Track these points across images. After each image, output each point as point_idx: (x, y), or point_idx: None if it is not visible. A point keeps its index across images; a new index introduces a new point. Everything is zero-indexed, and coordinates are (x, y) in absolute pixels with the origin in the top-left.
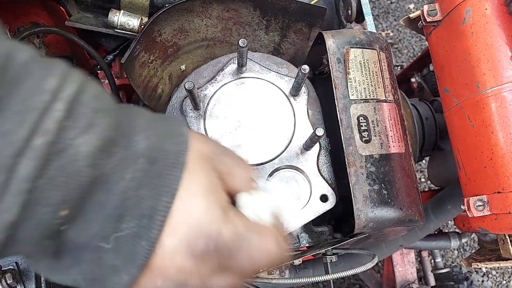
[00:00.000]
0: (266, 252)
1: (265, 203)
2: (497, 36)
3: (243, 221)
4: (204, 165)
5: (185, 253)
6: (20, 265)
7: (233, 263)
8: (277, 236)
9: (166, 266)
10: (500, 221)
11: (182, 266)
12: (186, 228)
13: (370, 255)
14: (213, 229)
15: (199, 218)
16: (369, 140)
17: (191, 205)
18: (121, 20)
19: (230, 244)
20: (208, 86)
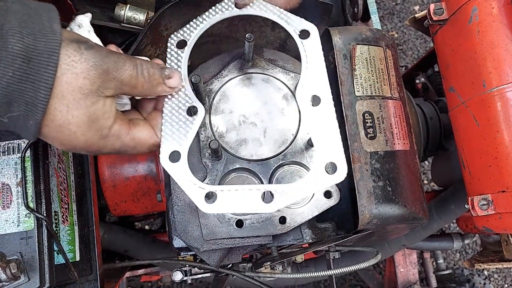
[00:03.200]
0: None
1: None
2: (503, 35)
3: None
4: (68, 51)
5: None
6: (24, 255)
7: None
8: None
9: (48, 138)
10: (504, 220)
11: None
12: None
13: (374, 252)
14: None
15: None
16: (374, 137)
17: (61, 87)
18: (127, 15)
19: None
20: (214, 81)
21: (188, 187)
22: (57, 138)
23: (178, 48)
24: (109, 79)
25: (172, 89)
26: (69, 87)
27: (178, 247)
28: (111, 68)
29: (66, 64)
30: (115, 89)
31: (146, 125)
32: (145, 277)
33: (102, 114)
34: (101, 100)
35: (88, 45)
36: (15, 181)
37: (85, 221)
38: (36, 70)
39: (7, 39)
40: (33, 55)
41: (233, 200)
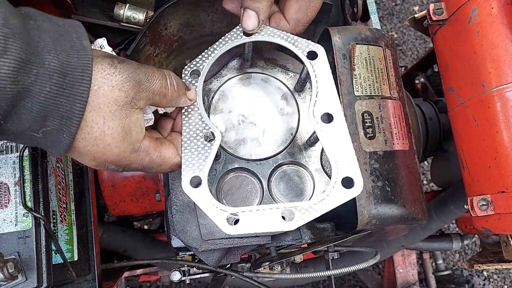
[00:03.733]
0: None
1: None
2: (503, 35)
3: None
4: (103, 65)
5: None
6: (22, 255)
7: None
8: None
9: (81, 153)
10: (504, 221)
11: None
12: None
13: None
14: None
15: (106, 128)
16: (373, 137)
17: (98, 100)
18: (126, 14)
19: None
20: (213, 80)
21: (211, 211)
22: (91, 151)
23: (193, 78)
24: (141, 89)
25: (191, 101)
26: (105, 99)
27: (177, 247)
28: (143, 79)
29: (102, 77)
30: (147, 99)
31: (171, 144)
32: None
33: (134, 127)
34: (134, 112)
35: (120, 59)
36: (13, 180)
37: (84, 221)
38: (71, 85)
39: (43, 56)
40: (68, 70)
41: (255, 221)
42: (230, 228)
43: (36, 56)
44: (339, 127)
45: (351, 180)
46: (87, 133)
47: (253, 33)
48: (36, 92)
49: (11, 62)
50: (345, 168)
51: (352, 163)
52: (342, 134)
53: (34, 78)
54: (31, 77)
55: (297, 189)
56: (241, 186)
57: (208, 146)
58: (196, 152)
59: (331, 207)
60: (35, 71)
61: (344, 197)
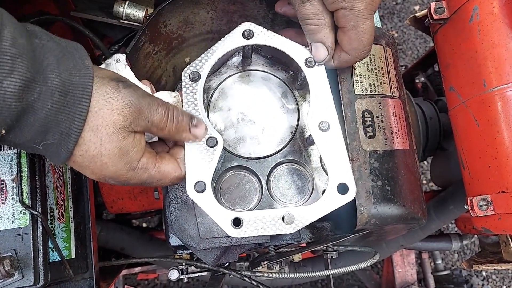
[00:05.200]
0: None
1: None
2: (504, 34)
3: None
4: (107, 88)
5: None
6: (18, 252)
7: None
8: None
9: (81, 167)
10: (504, 221)
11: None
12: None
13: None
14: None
15: (104, 143)
16: (373, 136)
17: (97, 121)
18: (126, 11)
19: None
20: (213, 78)
21: (215, 214)
22: (89, 167)
23: (192, 81)
24: (141, 118)
25: (196, 138)
26: (103, 121)
27: (175, 245)
28: (145, 109)
29: (104, 100)
30: (144, 128)
31: (172, 158)
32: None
33: (132, 148)
34: (132, 135)
35: (127, 84)
36: (11, 177)
37: (81, 218)
38: (72, 103)
39: (46, 74)
40: (69, 89)
41: (257, 223)
42: (235, 231)
43: (40, 74)
44: (335, 135)
45: (346, 186)
46: (85, 151)
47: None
48: (38, 108)
49: (17, 81)
50: (340, 175)
51: (346, 170)
52: (338, 142)
53: (37, 95)
54: (34, 94)
55: (296, 188)
56: (240, 185)
57: (211, 152)
58: (199, 157)
59: (327, 211)
60: (38, 89)
61: (339, 202)
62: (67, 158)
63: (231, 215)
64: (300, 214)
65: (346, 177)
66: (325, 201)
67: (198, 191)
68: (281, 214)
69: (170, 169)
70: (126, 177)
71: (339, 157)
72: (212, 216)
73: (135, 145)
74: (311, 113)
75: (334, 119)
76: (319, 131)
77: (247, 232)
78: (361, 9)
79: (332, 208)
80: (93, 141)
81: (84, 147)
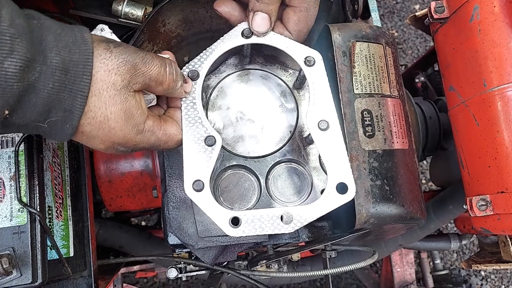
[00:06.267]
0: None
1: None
2: (505, 34)
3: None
4: (99, 50)
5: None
6: (16, 250)
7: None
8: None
9: (90, 137)
10: (503, 222)
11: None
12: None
13: (370, 251)
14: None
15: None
16: (372, 135)
17: (97, 85)
18: (125, 10)
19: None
20: (212, 76)
21: (213, 213)
22: (98, 135)
23: (191, 79)
24: (137, 74)
25: (186, 93)
26: (103, 84)
27: (173, 244)
28: (139, 63)
29: (99, 62)
30: (142, 84)
31: (174, 121)
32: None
33: (136, 109)
34: (133, 96)
35: (116, 43)
36: (9, 175)
37: (80, 216)
38: (73, 81)
39: (46, 53)
40: (70, 66)
41: (255, 223)
42: (233, 230)
43: (39, 54)
44: (334, 134)
45: (345, 186)
46: (92, 118)
47: (264, 35)
48: (40, 88)
49: (17, 61)
50: (339, 175)
51: (346, 170)
52: (337, 141)
53: (38, 75)
54: (35, 74)
55: (295, 187)
56: (238, 183)
57: (209, 151)
58: (197, 156)
59: (326, 211)
60: (38, 68)
61: (338, 202)
62: (72, 134)
63: (229, 214)
64: (299, 214)
65: (346, 177)
66: (324, 201)
67: (196, 190)
68: (280, 214)
69: (174, 131)
70: (135, 141)
71: (338, 157)
72: (210, 215)
73: (138, 107)
74: (310, 112)
75: (334, 118)
76: (318, 130)
77: (246, 231)
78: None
79: (331, 207)
80: (98, 106)
81: (91, 114)
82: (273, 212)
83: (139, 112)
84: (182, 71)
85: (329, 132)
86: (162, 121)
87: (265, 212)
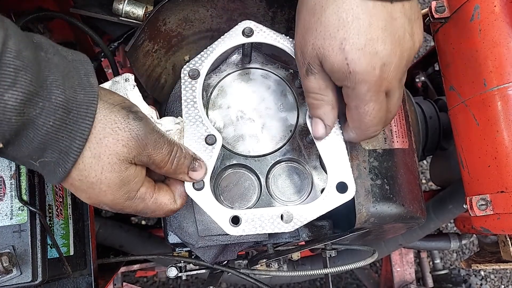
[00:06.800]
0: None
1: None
2: (505, 34)
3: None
4: (116, 117)
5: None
6: (16, 249)
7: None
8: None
9: (77, 191)
10: (503, 221)
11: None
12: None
13: (370, 251)
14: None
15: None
16: None
17: (100, 149)
18: (125, 9)
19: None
20: (212, 75)
21: (213, 212)
22: (86, 192)
23: (192, 78)
24: (144, 154)
25: (192, 180)
26: (107, 150)
27: (173, 243)
28: (150, 145)
29: (111, 129)
30: (144, 163)
31: (169, 190)
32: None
33: (133, 178)
34: (134, 166)
35: (137, 116)
36: (9, 173)
37: (80, 215)
38: (74, 121)
39: (51, 90)
40: (73, 106)
41: (256, 222)
42: (233, 229)
43: (44, 89)
44: (334, 134)
45: (345, 185)
46: (84, 177)
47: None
48: (39, 124)
49: (19, 94)
50: (339, 174)
51: (346, 169)
52: (337, 141)
53: (39, 111)
54: (37, 109)
55: (295, 186)
56: (238, 182)
57: (209, 150)
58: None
59: (326, 210)
60: (41, 104)
61: (338, 201)
62: (63, 178)
63: (229, 213)
64: (299, 213)
65: (346, 176)
66: (324, 200)
67: (196, 189)
68: (280, 213)
69: (166, 201)
70: (122, 206)
71: (339, 156)
72: (211, 214)
73: (136, 176)
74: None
75: None
76: None
77: (246, 230)
78: (364, 91)
79: (331, 206)
80: (94, 168)
81: (84, 173)
82: (273, 211)
83: (136, 180)
84: (183, 70)
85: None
86: (156, 188)
87: (265, 211)
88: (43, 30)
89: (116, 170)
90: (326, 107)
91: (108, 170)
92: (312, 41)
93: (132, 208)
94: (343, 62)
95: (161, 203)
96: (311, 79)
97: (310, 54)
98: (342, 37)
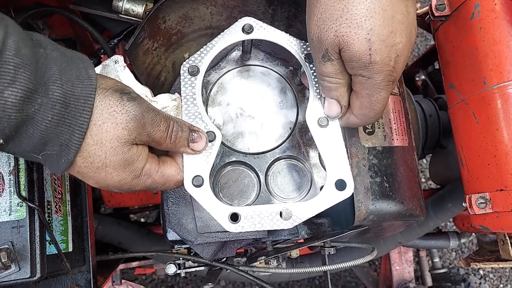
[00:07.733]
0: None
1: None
2: (505, 32)
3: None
4: (111, 101)
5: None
6: (15, 245)
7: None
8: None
9: (84, 177)
10: (502, 219)
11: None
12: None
13: (369, 249)
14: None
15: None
16: (372, 132)
17: (101, 135)
18: (125, 6)
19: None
20: (212, 72)
21: (212, 209)
22: (93, 177)
23: (191, 75)
24: (143, 133)
25: (195, 152)
26: (108, 135)
27: (172, 240)
28: (148, 124)
29: (108, 113)
30: (144, 142)
31: (173, 161)
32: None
33: (136, 157)
34: (135, 146)
35: (131, 96)
36: (8, 169)
37: (79, 212)
38: (73, 115)
39: (48, 86)
40: (71, 100)
41: (255, 219)
42: (232, 226)
43: (42, 85)
44: (333, 131)
45: (344, 182)
46: (90, 163)
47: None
48: (38, 120)
49: (19, 91)
50: (338, 171)
51: (344, 166)
52: (337, 138)
53: (38, 107)
54: (35, 106)
55: (294, 184)
56: (238, 179)
57: (209, 146)
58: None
59: (325, 207)
60: (39, 100)
61: (337, 198)
62: (67, 168)
63: (228, 210)
64: (298, 210)
65: (344, 174)
66: (323, 197)
67: (195, 186)
68: (279, 210)
69: (173, 172)
70: (130, 185)
71: (338, 153)
72: (210, 210)
73: (140, 154)
74: (310, 108)
75: None
76: (318, 127)
77: (245, 227)
78: (379, 80)
79: (329, 204)
80: (98, 154)
81: (89, 159)
82: (272, 208)
83: (140, 158)
84: (182, 66)
85: (329, 129)
86: (160, 162)
87: (264, 208)
88: (43, 26)
89: (119, 153)
90: (342, 89)
91: (111, 154)
92: (336, 28)
93: (141, 185)
94: (366, 52)
95: (168, 175)
96: (327, 65)
97: (331, 41)
98: (369, 28)
